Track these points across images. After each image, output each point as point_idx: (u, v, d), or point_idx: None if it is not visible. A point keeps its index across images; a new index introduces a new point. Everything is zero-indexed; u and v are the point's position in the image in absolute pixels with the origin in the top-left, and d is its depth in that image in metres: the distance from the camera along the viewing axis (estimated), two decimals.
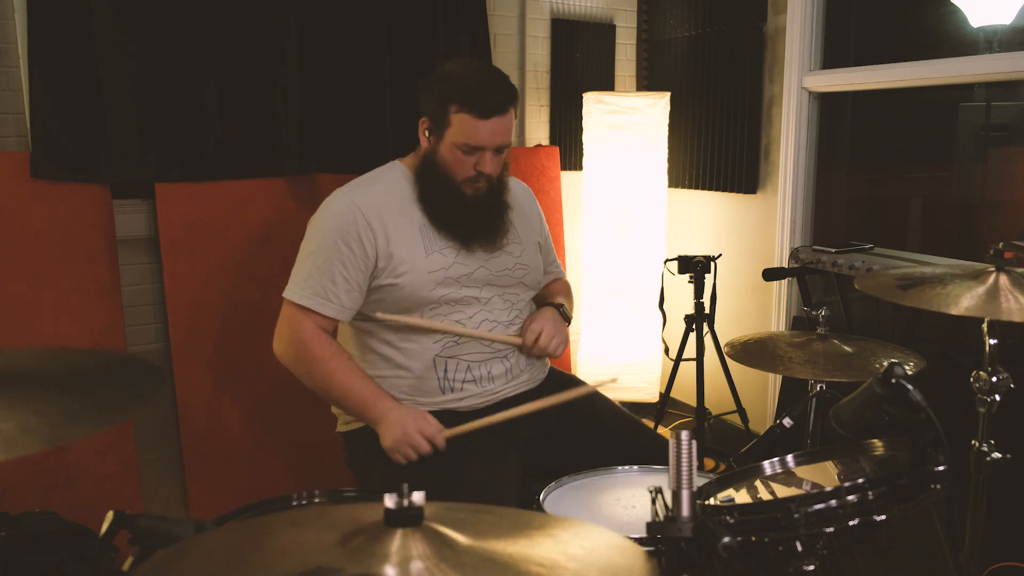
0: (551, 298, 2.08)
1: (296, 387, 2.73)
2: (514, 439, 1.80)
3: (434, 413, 1.80)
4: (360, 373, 1.80)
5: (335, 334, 1.87)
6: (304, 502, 1.48)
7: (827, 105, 3.11)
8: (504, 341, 1.85)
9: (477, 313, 1.86)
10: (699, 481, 1.24)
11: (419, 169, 1.88)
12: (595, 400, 2.02)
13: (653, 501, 1.07)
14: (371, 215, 1.81)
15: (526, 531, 0.89)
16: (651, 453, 1.77)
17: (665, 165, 3.33)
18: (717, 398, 3.28)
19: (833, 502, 1.14)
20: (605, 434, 1.91)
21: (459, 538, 0.83)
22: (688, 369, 3.16)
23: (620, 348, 3.30)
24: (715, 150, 3.36)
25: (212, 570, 0.80)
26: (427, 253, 1.82)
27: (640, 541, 1.19)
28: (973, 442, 1.67)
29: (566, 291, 2.16)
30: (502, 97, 1.79)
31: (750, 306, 3.33)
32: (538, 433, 1.85)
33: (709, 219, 3.50)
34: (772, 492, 1.35)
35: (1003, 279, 1.59)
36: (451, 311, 1.84)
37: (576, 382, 2.07)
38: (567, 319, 2.02)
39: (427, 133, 1.86)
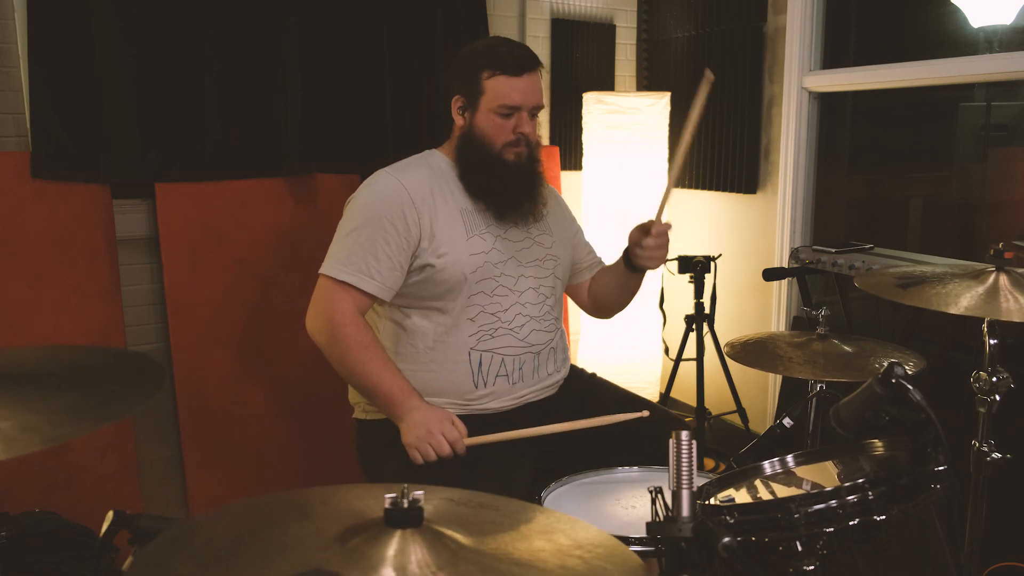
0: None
1: (297, 386, 2.75)
2: (527, 443, 1.79)
3: (459, 416, 1.80)
4: (393, 367, 1.78)
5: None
6: None
7: (827, 105, 3.11)
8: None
9: (512, 306, 1.87)
10: (699, 481, 1.24)
11: (458, 148, 1.90)
12: (606, 394, 2.02)
13: (653, 501, 1.07)
14: (416, 195, 1.82)
15: (527, 531, 0.89)
16: (655, 448, 1.76)
17: (665, 165, 3.33)
18: (717, 398, 3.28)
19: (833, 502, 1.14)
20: (612, 429, 1.88)
21: (459, 539, 0.83)
22: (688, 369, 3.16)
23: (620, 348, 3.30)
24: (715, 150, 3.36)
25: (212, 561, 0.80)
26: (468, 236, 1.84)
27: (640, 541, 1.19)
28: (973, 442, 1.67)
29: None
30: (531, 55, 1.85)
31: (750, 306, 3.33)
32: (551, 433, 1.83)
33: (709, 219, 3.50)
34: (772, 492, 1.35)
35: (1003, 279, 1.59)
36: (487, 300, 1.84)
37: (600, 386, 2.07)
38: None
39: (461, 111, 1.88)
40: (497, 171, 1.85)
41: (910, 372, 1.62)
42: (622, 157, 3.26)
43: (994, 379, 1.63)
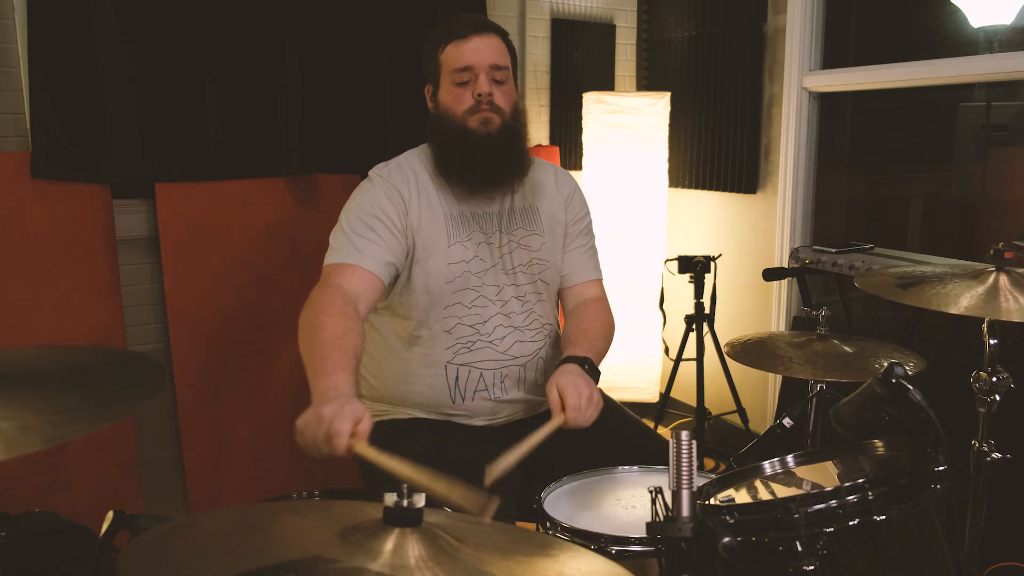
0: (576, 343, 1.76)
1: (297, 386, 2.75)
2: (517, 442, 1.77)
3: (443, 424, 1.78)
4: (345, 343, 1.50)
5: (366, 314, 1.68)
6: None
7: (827, 105, 3.11)
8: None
9: (493, 317, 1.79)
10: (699, 481, 1.24)
11: (429, 134, 1.84)
12: (608, 417, 1.99)
13: (653, 501, 1.07)
14: (404, 191, 1.77)
15: (525, 550, 0.89)
16: (652, 453, 1.77)
17: (665, 165, 3.33)
18: (717, 398, 3.27)
19: (833, 502, 1.14)
20: (607, 434, 1.89)
21: (456, 544, 0.84)
22: (688, 369, 3.16)
23: (620, 348, 3.30)
24: (715, 150, 3.36)
25: (211, 549, 0.81)
26: (449, 243, 1.77)
27: (640, 541, 1.19)
28: (973, 442, 1.67)
29: (598, 329, 1.85)
30: (480, 21, 1.80)
31: (750, 306, 3.33)
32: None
33: (709, 219, 3.50)
34: (772, 492, 1.35)
35: (1003, 279, 1.59)
36: (465, 312, 1.77)
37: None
38: (595, 375, 1.69)
39: (431, 98, 1.84)
40: (464, 143, 1.75)
41: (910, 372, 1.62)
42: (622, 157, 3.26)
43: (994, 379, 1.63)
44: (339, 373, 1.44)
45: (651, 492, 1.08)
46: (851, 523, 1.13)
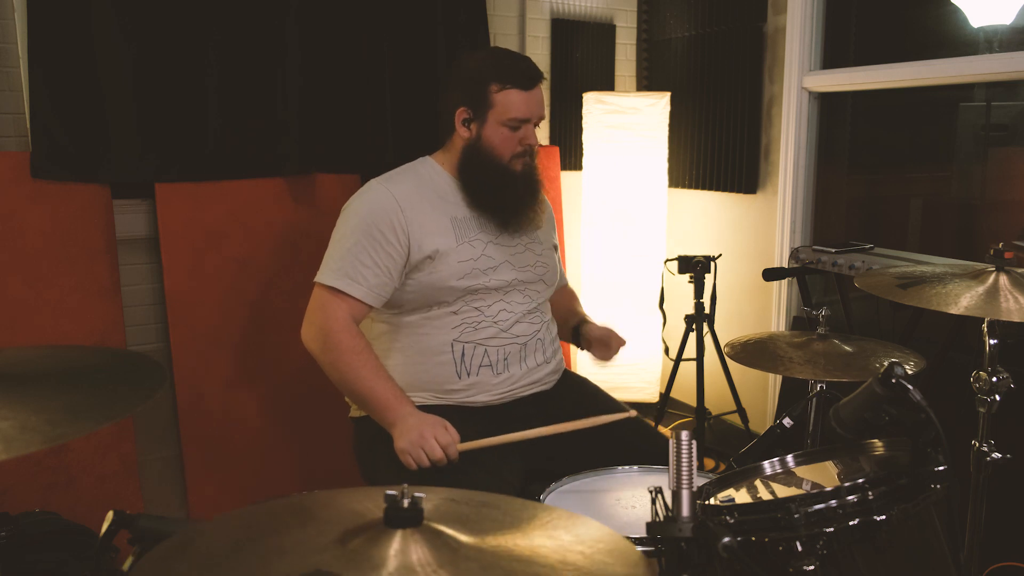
0: (577, 314, 2.16)
1: (297, 387, 2.75)
2: (520, 448, 1.79)
3: (447, 408, 1.82)
4: (385, 374, 1.79)
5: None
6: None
7: (827, 105, 3.11)
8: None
9: (496, 303, 1.89)
10: (699, 481, 1.24)
11: (462, 159, 1.91)
12: (599, 399, 2.02)
13: (653, 501, 1.07)
14: (405, 203, 1.84)
15: (528, 529, 0.89)
16: (653, 452, 1.77)
17: (665, 165, 3.33)
18: (717, 398, 3.28)
19: (833, 502, 1.14)
20: (608, 433, 1.90)
21: (460, 538, 0.83)
22: (688, 369, 3.16)
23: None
24: (715, 150, 3.36)
25: (212, 567, 0.80)
26: (458, 243, 1.86)
27: (640, 541, 1.19)
28: (973, 442, 1.67)
29: (578, 302, 2.26)
30: (536, 68, 1.89)
31: (750, 306, 3.33)
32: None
33: (709, 219, 3.50)
34: (772, 492, 1.35)
35: (1003, 279, 1.59)
36: (473, 299, 1.87)
37: (593, 391, 2.07)
38: None
39: (466, 123, 1.88)
40: (506, 181, 1.88)
41: (910, 372, 1.62)
42: (622, 157, 3.26)
43: (994, 379, 1.63)
44: (401, 399, 1.75)
45: (651, 492, 1.08)
46: (851, 523, 1.13)
